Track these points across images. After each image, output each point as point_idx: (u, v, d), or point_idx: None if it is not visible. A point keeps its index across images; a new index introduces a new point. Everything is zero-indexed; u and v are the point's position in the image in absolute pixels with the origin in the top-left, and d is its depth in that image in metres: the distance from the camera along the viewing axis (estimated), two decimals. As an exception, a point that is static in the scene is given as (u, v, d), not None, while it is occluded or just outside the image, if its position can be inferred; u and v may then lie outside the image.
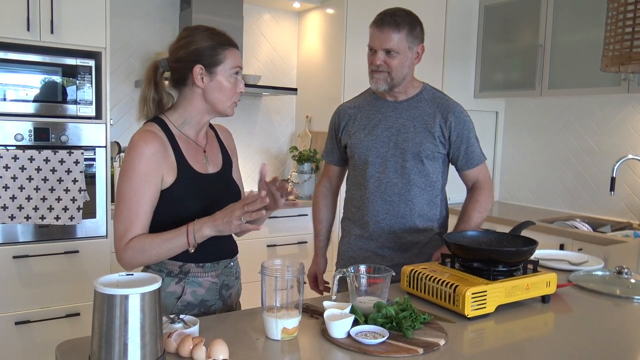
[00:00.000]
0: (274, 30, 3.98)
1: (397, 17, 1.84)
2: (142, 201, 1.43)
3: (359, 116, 2.01)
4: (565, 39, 3.37)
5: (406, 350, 1.18)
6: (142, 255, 1.42)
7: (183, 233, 1.40)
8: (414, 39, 1.87)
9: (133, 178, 1.42)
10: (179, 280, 1.52)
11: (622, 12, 1.64)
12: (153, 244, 1.42)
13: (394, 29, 1.82)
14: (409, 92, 1.96)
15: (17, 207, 2.58)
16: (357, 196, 2.00)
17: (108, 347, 1.00)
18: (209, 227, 1.40)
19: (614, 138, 3.44)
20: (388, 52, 1.84)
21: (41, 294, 2.71)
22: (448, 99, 1.96)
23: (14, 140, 2.60)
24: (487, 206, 1.95)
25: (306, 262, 3.77)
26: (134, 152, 1.43)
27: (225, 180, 1.63)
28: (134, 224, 1.42)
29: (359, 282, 1.39)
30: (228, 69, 1.50)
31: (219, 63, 1.49)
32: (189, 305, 1.53)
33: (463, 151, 1.93)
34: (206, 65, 1.48)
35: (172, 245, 1.42)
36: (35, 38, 2.62)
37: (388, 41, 1.83)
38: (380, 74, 1.87)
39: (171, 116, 1.54)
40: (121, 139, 3.36)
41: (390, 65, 1.85)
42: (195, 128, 1.56)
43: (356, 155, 1.98)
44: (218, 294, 1.57)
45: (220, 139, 1.69)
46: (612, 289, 1.68)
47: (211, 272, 1.55)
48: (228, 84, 1.50)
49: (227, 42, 1.51)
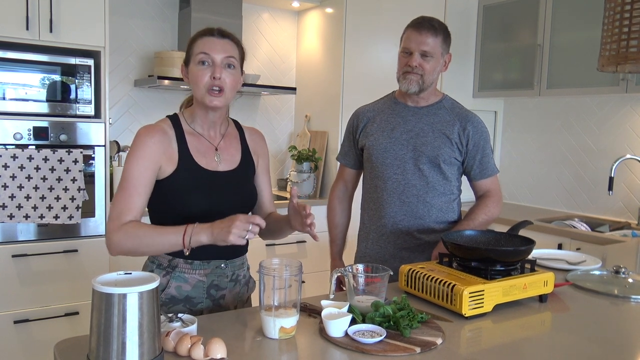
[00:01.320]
0: (273, 30, 3.99)
1: (434, 22, 1.90)
2: (138, 185, 1.46)
3: (377, 119, 2.03)
4: (564, 39, 3.38)
5: (403, 349, 1.18)
6: (133, 242, 1.40)
7: (180, 232, 1.38)
8: (446, 47, 1.94)
9: (132, 163, 1.47)
10: (166, 273, 1.54)
11: (619, 12, 1.64)
12: (148, 233, 1.41)
13: (432, 32, 1.88)
14: (430, 100, 1.99)
15: (16, 206, 2.58)
16: (375, 198, 2.02)
17: (106, 346, 1.00)
18: (206, 233, 1.37)
19: (612, 138, 3.45)
20: (424, 55, 1.89)
21: (40, 292, 2.71)
22: (467, 110, 2.00)
23: (13, 139, 2.60)
24: (494, 211, 1.96)
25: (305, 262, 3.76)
26: (136, 141, 1.50)
27: (238, 180, 1.62)
28: (128, 206, 1.44)
29: (357, 281, 1.40)
30: (194, 57, 1.53)
31: (192, 53, 1.54)
32: (173, 299, 1.54)
33: (478, 161, 1.95)
34: (185, 59, 1.57)
35: (167, 241, 1.40)
36: (34, 37, 2.62)
37: (425, 44, 1.88)
38: (414, 75, 1.90)
39: (185, 113, 1.61)
40: (120, 138, 3.36)
41: (425, 68, 1.90)
42: (204, 125, 1.59)
43: (374, 156, 2.00)
44: (206, 293, 1.57)
45: (246, 140, 1.69)
46: (609, 289, 1.68)
47: (199, 270, 1.56)
48: (195, 70, 1.52)
49: (200, 34, 1.55)
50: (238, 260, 1.64)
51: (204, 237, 1.38)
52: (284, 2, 3.84)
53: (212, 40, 1.52)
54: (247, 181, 1.66)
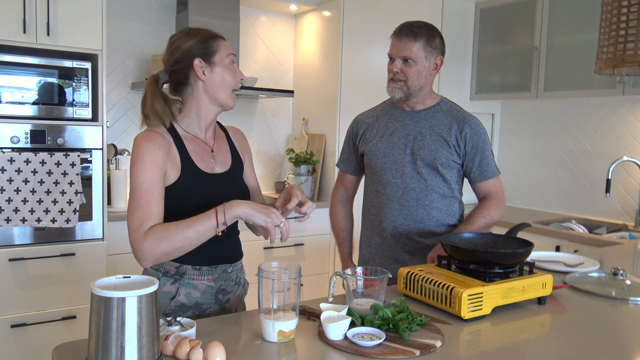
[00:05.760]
0: (270, 33, 3.99)
1: (414, 27, 1.91)
2: (152, 190, 1.41)
3: (376, 124, 2.05)
4: (561, 42, 3.39)
5: (403, 352, 1.18)
6: (166, 243, 1.35)
7: (212, 213, 1.37)
8: (432, 49, 1.92)
9: (140, 170, 1.42)
10: (174, 281, 1.52)
11: (616, 14, 1.65)
12: (178, 230, 1.36)
13: (411, 38, 1.89)
14: (427, 103, 2.00)
15: (13, 209, 2.57)
16: (375, 202, 2.03)
17: (105, 350, 1.00)
18: (245, 207, 1.38)
19: (609, 140, 3.46)
20: (405, 60, 1.90)
21: (37, 296, 2.70)
22: (465, 112, 2.00)
23: (10, 143, 2.60)
24: (495, 215, 1.95)
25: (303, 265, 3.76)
26: (139, 148, 1.44)
27: (233, 180, 1.63)
28: (148, 212, 1.39)
29: (356, 284, 1.40)
30: (224, 57, 1.54)
31: (215, 53, 1.53)
32: (183, 306, 1.53)
33: (477, 163, 1.95)
34: (204, 57, 1.52)
35: (200, 227, 1.36)
36: (31, 40, 2.61)
37: (405, 49, 1.89)
38: (397, 82, 1.92)
39: (178, 117, 1.57)
40: (118, 141, 3.36)
41: (407, 73, 1.91)
42: (203, 126, 1.58)
43: (373, 162, 2.01)
44: (214, 298, 1.57)
45: (232, 139, 1.70)
46: (607, 291, 1.68)
47: (208, 275, 1.55)
48: (228, 71, 1.54)
49: (214, 34, 1.56)
50: (239, 263, 1.66)
51: (240, 210, 1.38)
52: (282, 5, 3.85)
53: (227, 44, 1.57)
54: (240, 180, 1.67)
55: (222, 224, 1.37)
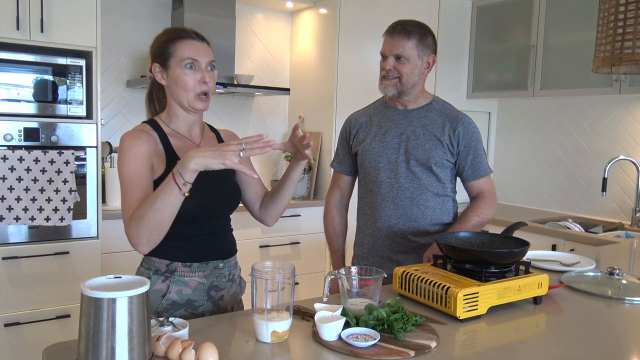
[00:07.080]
0: (266, 30, 3.97)
1: (407, 25, 1.91)
2: (138, 179, 1.43)
3: (369, 124, 2.05)
4: (558, 40, 3.38)
5: (397, 353, 1.17)
6: (144, 221, 1.34)
7: (169, 177, 1.32)
8: (424, 48, 1.92)
9: (125, 164, 1.44)
10: (165, 279, 1.52)
11: (613, 13, 1.64)
12: (147, 205, 1.35)
13: (404, 36, 1.90)
14: (419, 102, 2.00)
15: (7, 208, 2.55)
16: (370, 202, 2.02)
17: (95, 351, 0.99)
18: (197, 157, 1.28)
19: (605, 139, 3.46)
20: (398, 58, 1.91)
21: (31, 295, 2.69)
22: (457, 111, 2.00)
23: (3, 141, 2.58)
24: (488, 213, 1.95)
25: (298, 263, 3.75)
26: (123, 145, 1.47)
27: (221, 179, 1.61)
28: (134, 201, 1.40)
29: (351, 283, 1.39)
30: (178, 61, 1.50)
31: (169, 57, 1.51)
32: (175, 304, 1.52)
33: (470, 161, 1.95)
34: (160, 62, 1.53)
35: (164, 195, 1.32)
36: (25, 37, 2.59)
37: (397, 47, 1.90)
38: (389, 80, 1.92)
39: (162, 115, 1.60)
40: (112, 139, 3.34)
41: (400, 71, 1.91)
42: (184, 124, 1.58)
43: (367, 161, 2.00)
44: (206, 295, 1.56)
45: (223, 140, 1.69)
46: (603, 290, 1.68)
47: (199, 272, 1.54)
48: (183, 76, 1.50)
49: (178, 36, 1.52)
50: (232, 259, 1.65)
51: (194, 164, 1.29)
52: (278, 3, 3.83)
53: (196, 45, 1.52)
54: (230, 180, 1.65)
55: (183, 185, 1.31)
